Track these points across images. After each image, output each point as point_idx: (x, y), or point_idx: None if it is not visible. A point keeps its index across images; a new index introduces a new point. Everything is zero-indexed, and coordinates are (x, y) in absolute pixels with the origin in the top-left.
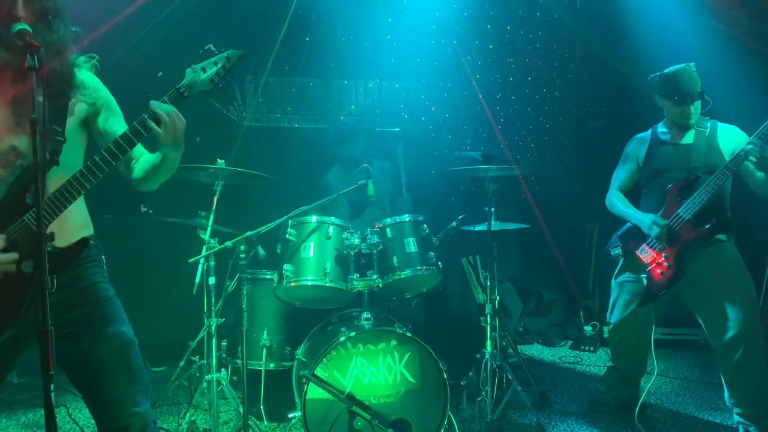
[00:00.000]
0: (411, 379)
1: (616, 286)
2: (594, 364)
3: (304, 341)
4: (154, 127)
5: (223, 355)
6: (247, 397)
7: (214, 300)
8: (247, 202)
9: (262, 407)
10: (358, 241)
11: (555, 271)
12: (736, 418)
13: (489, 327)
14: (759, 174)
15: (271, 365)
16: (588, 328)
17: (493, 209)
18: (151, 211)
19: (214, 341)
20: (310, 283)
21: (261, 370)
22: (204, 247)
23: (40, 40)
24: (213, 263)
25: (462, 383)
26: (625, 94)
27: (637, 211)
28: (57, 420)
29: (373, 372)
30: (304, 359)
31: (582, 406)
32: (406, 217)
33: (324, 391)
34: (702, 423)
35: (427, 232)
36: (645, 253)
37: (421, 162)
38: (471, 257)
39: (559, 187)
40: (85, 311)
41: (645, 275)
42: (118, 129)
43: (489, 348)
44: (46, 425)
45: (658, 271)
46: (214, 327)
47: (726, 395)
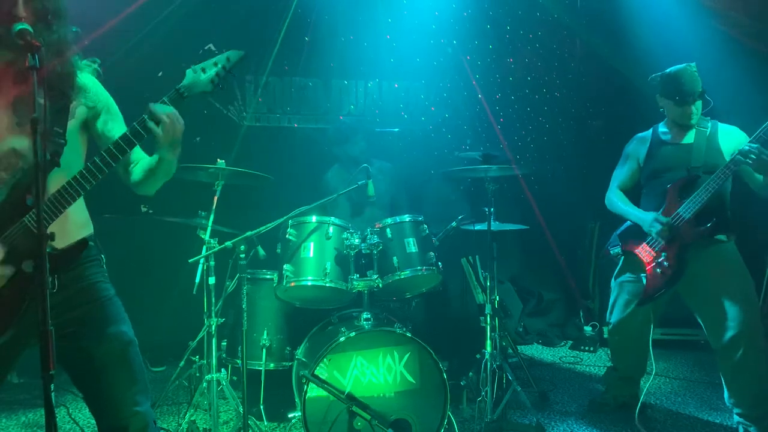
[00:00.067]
0: (411, 379)
1: (616, 286)
2: (594, 364)
3: (304, 341)
4: (154, 127)
5: (223, 355)
6: (247, 397)
7: (214, 300)
8: (247, 202)
9: (262, 407)
10: (358, 241)
11: (555, 272)
12: (736, 419)
13: (489, 327)
14: (758, 176)
15: (271, 365)
16: (588, 329)
17: (492, 209)
18: (151, 211)
19: (214, 341)
20: (310, 283)
21: (261, 370)
22: (204, 247)
23: (41, 39)
24: (213, 263)
25: (462, 383)
26: (625, 94)
27: (638, 210)
28: (57, 420)
29: (373, 372)
30: (304, 359)
31: (582, 406)
32: (406, 217)
33: (324, 391)
34: (702, 423)
35: (427, 232)
36: (644, 252)
37: (421, 162)
38: (471, 257)
39: (559, 187)
40: (85, 311)
41: (644, 275)
42: (118, 132)
43: (489, 348)
44: (46, 425)
45: (658, 271)
46: (214, 327)
47: (726, 395)
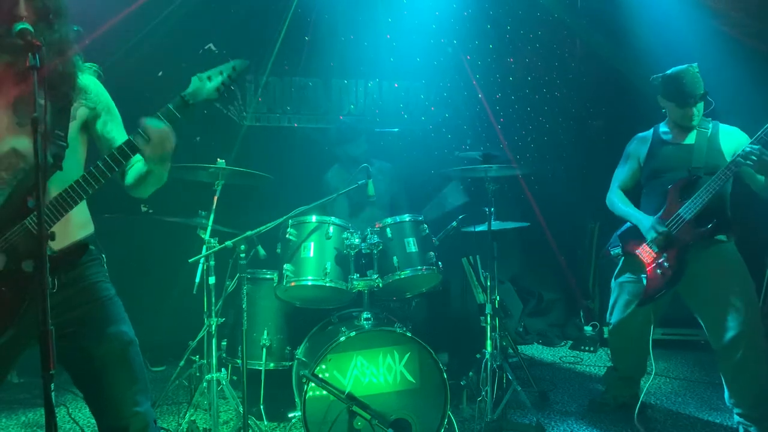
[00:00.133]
0: (411, 379)
1: (616, 286)
2: (594, 364)
3: (304, 341)
4: (141, 145)
5: (223, 354)
6: (247, 397)
7: (214, 300)
8: (247, 202)
9: (262, 407)
10: (358, 240)
11: (555, 271)
12: (736, 419)
13: (489, 327)
14: (759, 177)
15: (271, 365)
16: (588, 329)
17: (493, 209)
18: (151, 210)
19: (214, 341)
20: (310, 282)
21: (261, 370)
22: (204, 247)
23: (42, 39)
24: (213, 263)
25: (462, 383)
26: (625, 94)
27: (638, 211)
28: (57, 419)
29: (373, 372)
30: (304, 359)
31: (582, 406)
32: (406, 217)
33: (324, 391)
34: (702, 423)
35: (427, 232)
36: (645, 253)
37: (421, 162)
38: (471, 257)
39: (559, 187)
40: (85, 311)
41: (645, 275)
42: (116, 135)
43: (489, 348)
44: (47, 425)
45: (658, 272)
46: (214, 327)
47: (726, 395)
